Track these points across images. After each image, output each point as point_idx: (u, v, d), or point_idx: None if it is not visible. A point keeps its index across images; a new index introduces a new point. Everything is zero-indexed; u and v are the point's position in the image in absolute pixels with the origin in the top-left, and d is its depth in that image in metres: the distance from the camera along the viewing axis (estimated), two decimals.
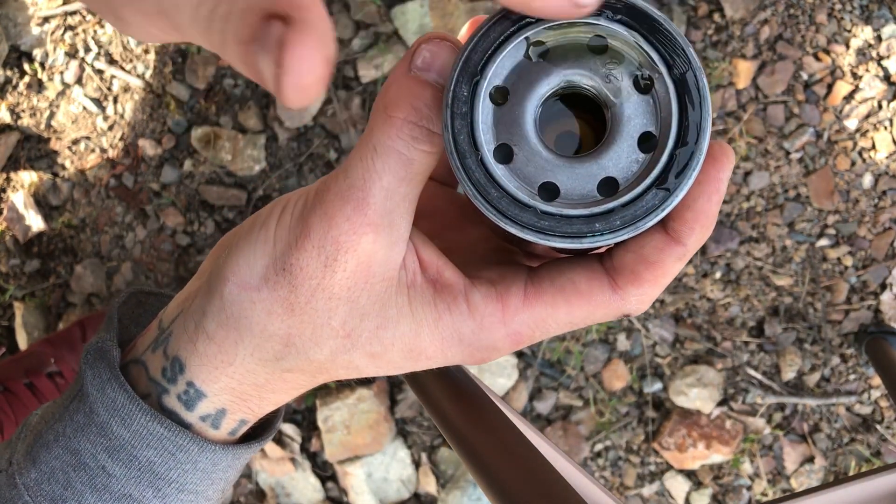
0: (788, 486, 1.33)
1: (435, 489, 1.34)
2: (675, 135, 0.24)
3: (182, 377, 0.31)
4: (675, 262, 0.27)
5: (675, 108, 0.24)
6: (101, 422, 0.31)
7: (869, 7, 1.23)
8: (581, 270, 0.28)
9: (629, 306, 0.28)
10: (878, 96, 1.24)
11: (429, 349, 0.29)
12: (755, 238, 1.27)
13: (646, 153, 0.25)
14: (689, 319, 1.30)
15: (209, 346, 0.30)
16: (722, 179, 0.25)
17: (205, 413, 0.31)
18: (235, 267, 0.28)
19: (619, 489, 1.34)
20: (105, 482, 0.31)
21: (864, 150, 1.25)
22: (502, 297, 0.28)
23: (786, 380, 1.30)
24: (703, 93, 0.24)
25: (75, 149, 1.35)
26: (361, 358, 0.29)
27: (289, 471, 1.34)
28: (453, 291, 0.28)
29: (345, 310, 0.27)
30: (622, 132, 0.25)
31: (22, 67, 1.36)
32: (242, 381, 0.30)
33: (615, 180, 0.25)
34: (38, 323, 1.35)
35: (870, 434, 1.31)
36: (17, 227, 1.36)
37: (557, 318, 0.28)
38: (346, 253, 0.26)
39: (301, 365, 0.29)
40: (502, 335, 0.28)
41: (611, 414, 1.32)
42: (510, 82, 0.25)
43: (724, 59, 1.25)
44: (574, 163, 0.25)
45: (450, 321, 0.28)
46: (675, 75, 0.24)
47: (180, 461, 0.31)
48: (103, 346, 0.32)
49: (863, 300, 1.27)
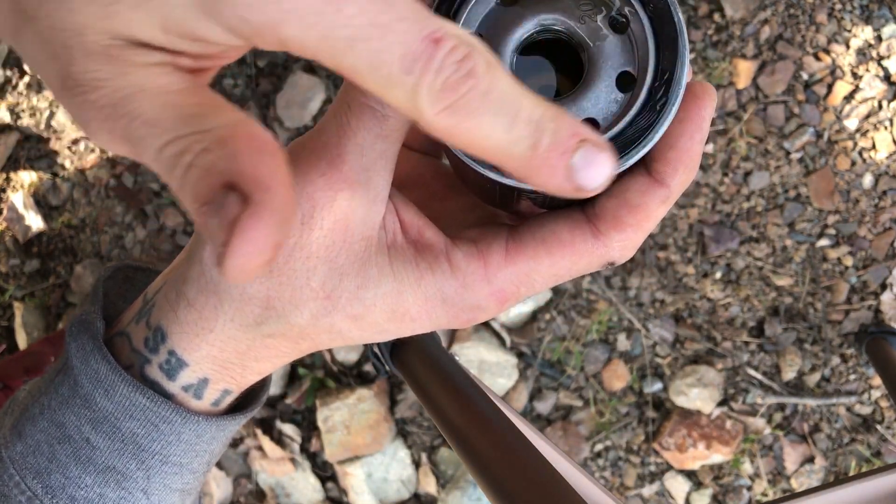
0: (789, 487, 1.33)
1: (435, 489, 1.34)
2: (652, 71, 0.24)
3: (164, 346, 0.30)
4: (659, 204, 0.26)
5: (652, 44, 0.24)
6: (84, 393, 0.31)
7: (869, 7, 1.23)
8: (562, 221, 0.28)
9: (613, 253, 0.27)
10: (878, 96, 1.24)
11: (412, 309, 0.28)
12: (755, 238, 1.27)
13: (624, 92, 0.25)
14: (689, 319, 1.30)
15: (189, 313, 0.29)
16: (704, 117, 0.25)
17: (187, 383, 0.31)
18: None
19: (620, 489, 1.34)
20: (89, 454, 0.31)
21: (865, 149, 1.24)
22: (484, 254, 0.28)
23: (786, 380, 1.30)
24: (679, 26, 0.24)
25: (75, 149, 1.35)
26: (343, 320, 0.28)
27: (289, 471, 1.34)
28: (434, 251, 0.28)
29: (324, 269, 0.27)
30: (600, 73, 0.25)
31: (22, 67, 1.36)
32: (224, 349, 0.30)
33: (595, 121, 0.25)
34: (38, 323, 1.35)
35: (870, 434, 1.31)
36: (16, 227, 1.36)
37: (541, 270, 0.28)
38: (323, 210, 0.26)
39: (282, 329, 0.28)
40: (486, 293, 0.28)
41: (611, 414, 1.32)
42: (483, 29, 0.25)
43: (724, 58, 1.25)
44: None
45: (432, 280, 0.28)
46: (650, 10, 0.24)
47: (163, 433, 0.31)
48: (87, 319, 0.32)
49: (863, 300, 1.27)
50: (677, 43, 0.24)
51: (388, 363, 0.62)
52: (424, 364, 0.55)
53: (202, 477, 0.35)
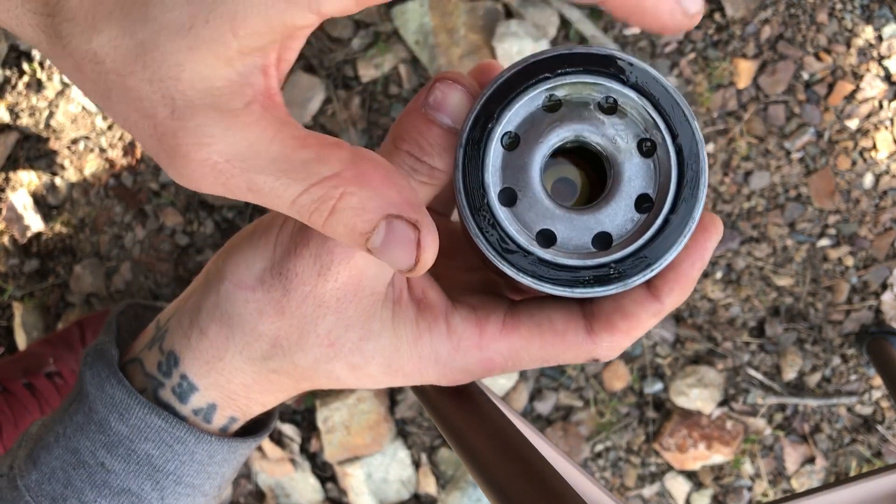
0: (789, 487, 1.32)
1: (435, 490, 1.34)
2: (671, 201, 0.26)
3: (176, 370, 0.32)
4: (650, 317, 0.28)
5: (675, 175, 0.26)
6: (99, 419, 0.32)
7: (870, 7, 1.23)
8: (560, 310, 0.29)
9: (600, 351, 0.29)
10: (879, 96, 1.23)
11: (406, 366, 0.30)
12: (756, 238, 1.27)
13: (641, 213, 0.27)
14: (689, 320, 1.30)
15: (202, 341, 0.31)
16: (708, 249, 0.27)
17: (197, 406, 0.32)
18: (234, 266, 0.30)
19: (620, 490, 1.34)
20: (104, 478, 0.32)
21: (865, 149, 1.24)
22: (481, 322, 0.30)
23: (787, 380, 1.30)
24: (702, 164, 0.25)
25: (74, 148, 1.35)
26: (343, 368, 0.30)
27: (288, 471, 1.34)
28: (435, 311, 0.30)
29: (332, 319, 0.28)
30: (621, 191, 0.26)
31: (21, 67, 1.36)
32: (231, 380, 0.31)
33: (610, 236, 0.27)
34: (37, 323, 1.34)
35: (871, 434, 1.30)
36: (15, 227, 1.36)
37: (531, 351, 0.29)
38: (340, 264, 0.28)
39: (286, 367, 0.30)
40: (476, 360, 0.30)
41: (611, 414, 1.32)
42: (522, 130, 0.26)
43: (724, 58, 1.24)
44: (573, 214, 0.27)
45: (429, 340, 0.29)
46: (678, 145, 0.25)
47: (178, 452, 0.32)
48: (102, 348, 0.33)
49: (864, 300, 1.27)
50: (699, 179, 0.25)
51: None
52: None
53: (213, 503, 0.36)
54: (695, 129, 0.26)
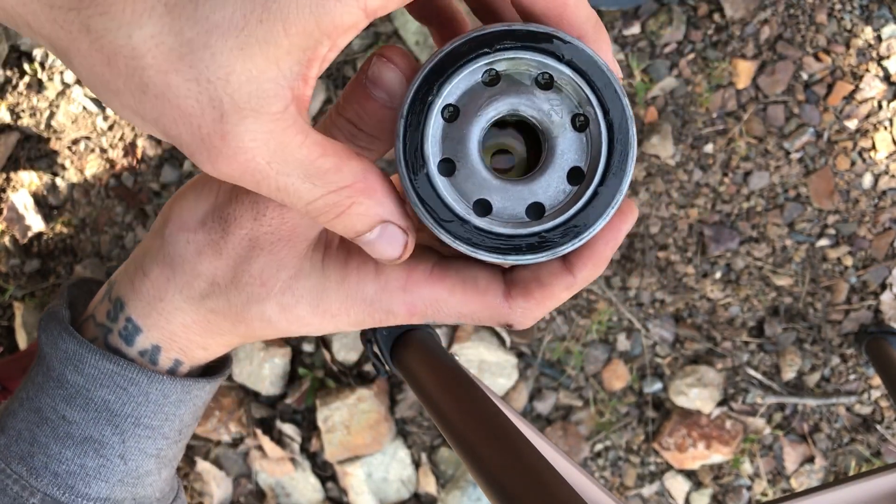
0: (788, 486, 1.33)
1: (435, 489, 1.34)
2: (601, 174, 0.27)
3: (122, 314, 0.34)
4: (563, 290, 0.30)
5: (605, 149, 0.27)
6: (56, 375, 0.34)
7: (869, 7, 1.23)
8: (484, 271, 0.31)
9: (514, 316, 0.31)
10: (878, 96, 1.24)
11: (333, 305, 0.31)
12: (755, 238, 1.27)
13: (573, 185, 0.28)
14: (689, 319, 1.30)
15: (144, 283, 0.33)
16: (622, 231, 0.28)
17: (143, 348, 0.34)
18: (179, 210, 0.32)
19: (619, 489, 1.34)
20: (66, 430, 0.34)
21: (865, 150, 1.25)
22: (410, 268, 0.31)
23: (786, 380, 1.30)
24: (631, 139, 0.27)
25: (75, 149, 1.35)
26: (273, 308, 0.31)
27: (289, 471, 1.34)
28: (363, 253, 0.31)
29: (264, 259, 0.30)
30: (555, 164, 0.28)
31: (22, 67, 1.36)
32: (171, 320, 0.33)
33: (543, 206, 0.28)
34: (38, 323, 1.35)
35: (870, 434, 1.31)
36: (16, 228, 1.36)
37: (450, 304, 0.31)
38: (275, 210, 0.30)
39: (222, 307, 0.32)
40: (400, 301, 0.31)
41: (611, 414, 1.32)
42: (462, 103, 0.27)
43: (724, 58, 1.25)
44: (508, 185, 0.28)
45: (356, 280, 0.31)
46: (609, 120, 0.27)
47: (132, 395, 0.33)
48: (53, 311, 0.35)
49: (863, 300, 1.27)
50: (627, 153, 0.27)
51: (388, 363, 0.62)
52: (424, 364, 0.55)
53: (175, 447, 0.37)
54: (625, 105, 0.27)
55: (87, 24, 0.22)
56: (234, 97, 0.22)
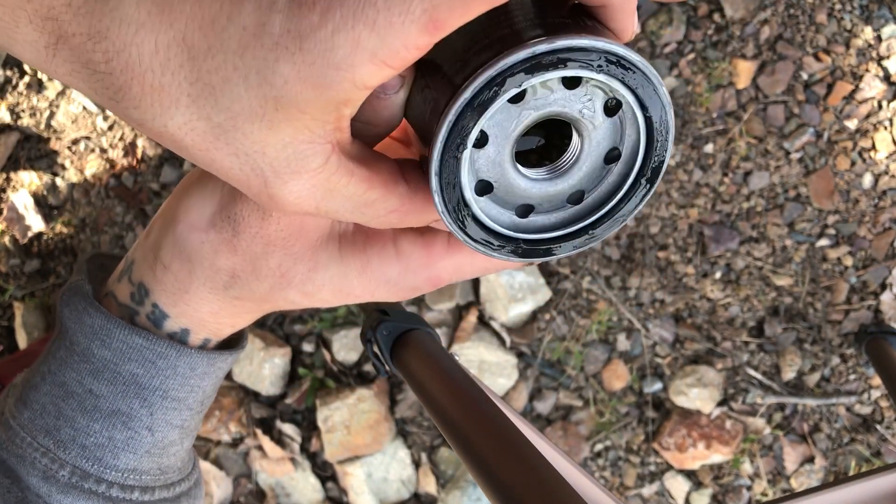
0: (788, 487, 1.33)
1: (435, 489, 1.34)
2: (638, 166, 0.27)
3: (148, 299, 0.34)
4: None
5: (643, 142, 0.27)
6: (81, 350, 0.34)
7: (869, 7, 1.23)
8: None
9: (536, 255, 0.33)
10: (878, 96, 1.24)
11: (356, 290, 0.32)
12: (755, 238, 1.27)
13: (608, 164, 0.28)
14: (689, 319, 1.30)
15: (166, 275, 0.33)
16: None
17: (171, 331, 0.35)
18: (186, 209, 0.32)
19: (619, 489, 1.34)
20: (94, 403, 0.34)
21: (864, 150, 1.25)
22: (428, 244, 0.32)
23: (786, 380, 1.30)
24: (669, 130, 0.26)
25: (75, 149, 1.35)
26: (296, 294, 0.32)
27: (289, 471, 1.34)
28: (383, 238, 0.32)
29: (280, 254, 0.31)
30: (591, 153, 0.27)
31: (22, 67, 1.36)
32: (199, 308, 0.34)
33: (582, 192, 0.28)
34: (38, 323, 1.35)
35: (870, 434, 1.31)
36: (16, 228, 1.36)
37: (475, 265, 0.32)
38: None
39: (246, 294, 0.33)
40: (424, 277, 0.32)
41: (611, 414, 1.32)
42: (490, 125, 0.26)
43: (724, 59, 1.25)
44: (546, 184, 0.27)
45: (378, 265, 0.32)
46: (647, 114, 0.26)
47: (161, 368, 0.34)
48: (76, 285, 0.36)
49: (863, 300, 1.27)
50: (668, 134, 0.26)
51: (388, 363, 0.62)
52: (424, 364, 0.55)
53: (197, 417, 0.38)
54: (663, 95, 0.26)
55: (128, 115, 0.24)
56: (273, 165, 0.24)
